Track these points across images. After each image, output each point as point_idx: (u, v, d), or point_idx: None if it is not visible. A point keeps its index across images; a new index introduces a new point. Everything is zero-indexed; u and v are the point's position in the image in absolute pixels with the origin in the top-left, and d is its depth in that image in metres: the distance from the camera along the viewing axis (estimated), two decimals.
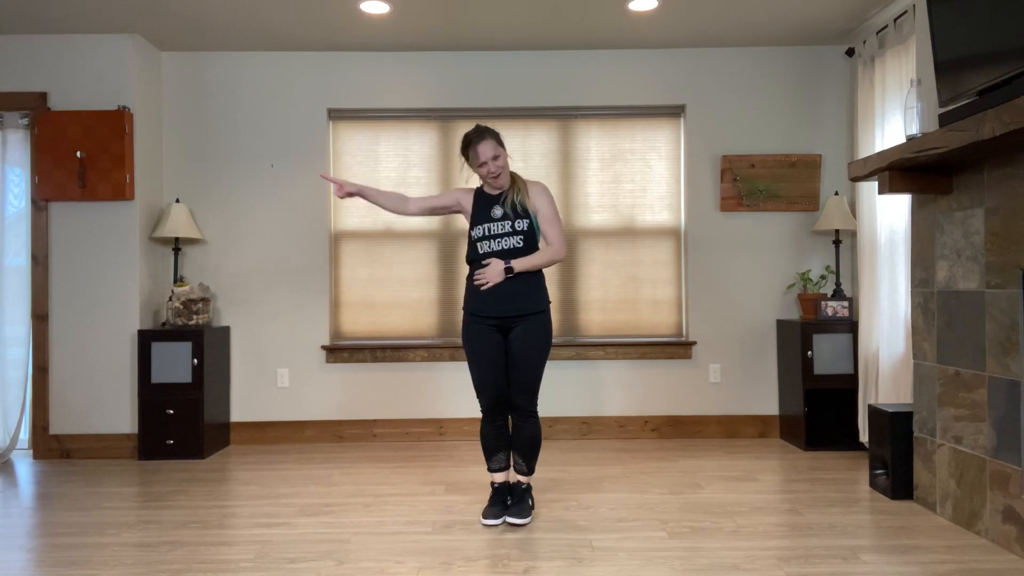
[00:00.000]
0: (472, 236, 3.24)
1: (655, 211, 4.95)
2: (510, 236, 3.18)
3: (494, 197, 3.25)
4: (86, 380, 4.54)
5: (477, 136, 3.16)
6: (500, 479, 3.31)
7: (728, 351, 4.90)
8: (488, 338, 3.21)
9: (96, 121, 4.42)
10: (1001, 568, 2.69)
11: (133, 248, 4.54)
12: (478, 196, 3.29)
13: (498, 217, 3.20)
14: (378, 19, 4.33)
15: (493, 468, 3.31)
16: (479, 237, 3.21)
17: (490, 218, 3.21)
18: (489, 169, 3.16)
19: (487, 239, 3.19)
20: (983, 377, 3.02)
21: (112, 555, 2.89)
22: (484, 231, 3.20)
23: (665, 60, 4.90)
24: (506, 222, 3.18)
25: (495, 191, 3.25)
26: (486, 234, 3.19)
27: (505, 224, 3.18)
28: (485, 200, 3.26)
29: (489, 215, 3.22)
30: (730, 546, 2.91)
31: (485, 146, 3.15)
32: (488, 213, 3.22)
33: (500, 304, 3.17)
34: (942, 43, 3.07)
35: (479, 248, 3.21)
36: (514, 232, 3.18)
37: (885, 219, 4.15)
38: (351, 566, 2.76)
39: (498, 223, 3.19)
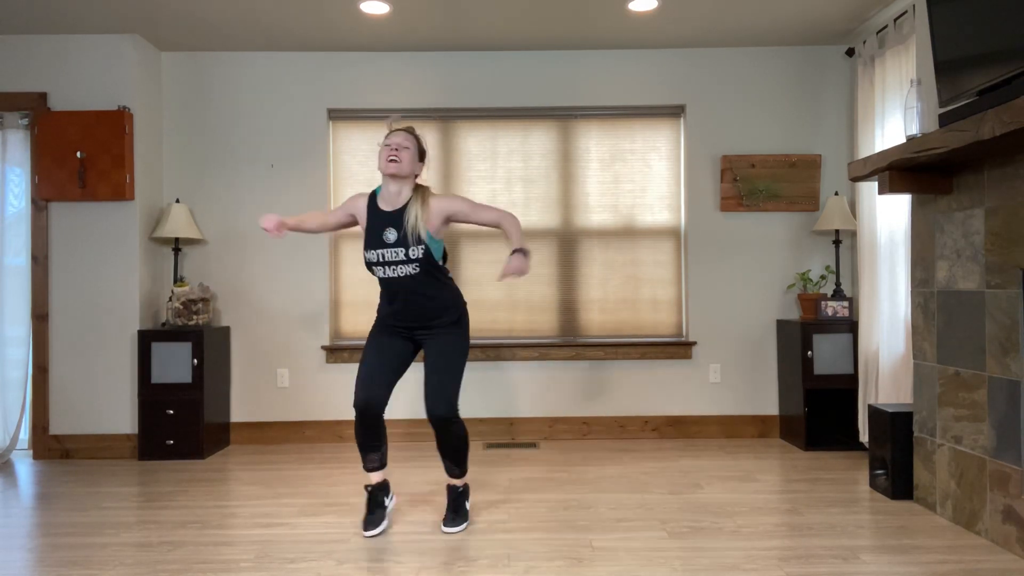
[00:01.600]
0: (367, 259, 3.06)
1: (655, 211, 4.95)
2: (404, 264, 3.00)
3: (388, 215, 3.02)
4: (86, 380, 4.54)
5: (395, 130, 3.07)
6: (376, 479, 3.19)
7: (728, 351, 4.90)
8: (390, 337, 3.12)
9: (96, 121, 4.42)
10: (1001, 568, 2.69)
11: (133, 248, 4.54)
12: (372, 210, 3.06)
13: (391, 242, 3.00)
14: (378, 19, 4.33)
15: (367, 467, 3.18)
16: (373, 262, 3.04)
17: (383, 242, 3.01)
18: (390, 149, 2.98)
19: (381, 266, 3.02)
20: (983, 377, 3.02)
21: (112, 555, 2.89)
22: (378, 257, 3.02)
23: (665, 60, 4.90)
24: (399, 249, 2.99)
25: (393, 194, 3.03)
26: (380, 260, 3.02)
27: (399, 251, 2.99)
28: (378, 217, 3.04)
29: (382, 239, 3.01)
30: (730, 546, 2.91)
31: (398, 135, 3.03)
32: (381, 236, 3.01)
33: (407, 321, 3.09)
34: (942, 43, 3.07)
35: (374, 272, 3.07)
36: (408, 260, 2.99)
37: (885, 219, 4.15)
38: (351, 566, 2.76)
39: (391, 249, 3.00)
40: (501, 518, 3.28)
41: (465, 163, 4.95)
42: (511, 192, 4.94)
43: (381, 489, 3.19)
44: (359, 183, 4.93)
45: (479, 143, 4.95)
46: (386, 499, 3.21)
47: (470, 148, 4.95)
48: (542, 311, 4.95)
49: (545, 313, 4.95)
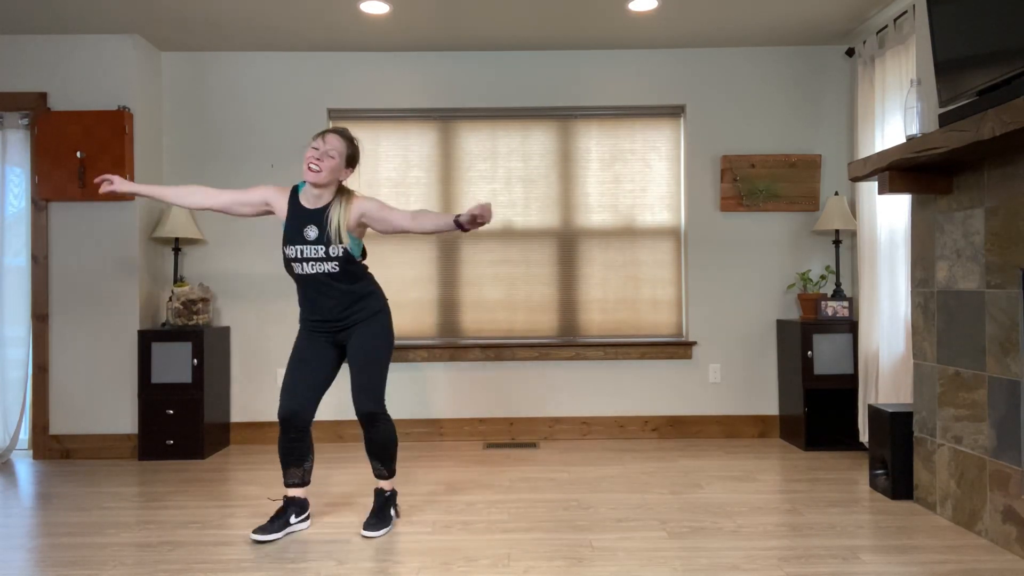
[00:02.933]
0: (285, 254, 3.03)
1: (655, 211, 4.95)
2: (324, 262, 2.97)
3: (310, 212, 3.00)
4: (86, 380, 4.54)
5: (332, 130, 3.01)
6: (293, 494, 3.13)
7: (728, 351, 4.90)
8: (315, 343, 3.07)
9: (96, 121, 4.42)
10: (1001, 568, 2.69)
11: (133, 248, 4.54)
12: (293, 205, 3.03)
13: (311, 239, 2.97)
14: (378, 19, 4.33)
15: (287, 483, 3.13)
16: (292, 258, 3.01)
17: (303, 239, 2.98)
18: (314, 155, 2.93)
19: (300, 262, 3.00)
20: (983, 377, 3.02)
21: (112, 555, 2.89)
22: (297, 253, 2.99)
23: (665, 60, 4.90)
24: (319, 247, 2.96)
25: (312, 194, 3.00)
26: (299, 256, 2.99)
27: (319, 248, 2.96)
28: (300, 214, 3.01)
29: (302, 235, 2.98)
30: (730, 546, 2.91)
31: (330, 137, 2.97)
32: (301, 232, 2.99)
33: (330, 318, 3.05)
34: (942, 43, 3.07)
35: (292, 269, 3.03)
36: (328, 258, 2.97)
37: (885, 219, 4.16)
38: (351, 566, 2.76)
39: (311, 246, 2.97)
40: (501, 518, 3.28)
41: (465, 163, 4.95)
42: (511, 192, 4.94)
43: (295, 504, 3.12)
44: (359, 183, 4.93)
45: (479, 143, 4.95)
46: (295, 517, 3.12)
47: (470, 148, 4.95)
48: (542, 311, 4.95)
49: (545, 313, 4.95)
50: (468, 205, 4.93)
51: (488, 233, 4.94)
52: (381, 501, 3.17)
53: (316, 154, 2.94)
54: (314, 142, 2.98)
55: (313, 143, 2.98)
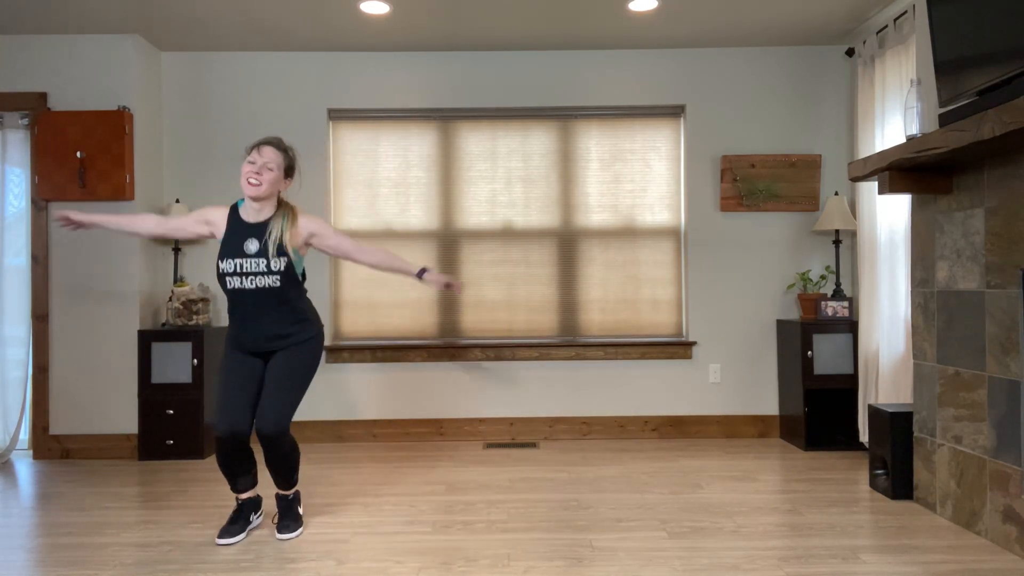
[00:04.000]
0: (220, 269, 2.91)
1: (655, 211, 4.95)
2: (265, 276, 2.89)
3: (251, 226, 2.94)
4: (86, 380, 4.53)
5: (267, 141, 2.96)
6: (247, 497, 3.09)
7: (728, 351, 4.90)
8: (244, 362, 2.98)
9: (96, 121, 4.42)
10: (1001, 568, 2.69)
11: (133, 248, 4.54)
12: (233, 219, 2.96)
13: (252, 252, 2.89)
14: (378, 19, 4.33)
15: (239, 489, 3.07)
16: (228, 272, 2.90)
17: (243, 252, 2.90)
18: (252, 169, 2.89)
19: (237, 275, 2.90)
20: (983, 377, 3.02)
21: (112, 555, 2.89)
22: (235, 267, 2.89)
23: (665, 60, 4.90)
24: (261, 260, 2.89)
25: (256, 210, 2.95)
26: (237, 270, 2.89)
27: (260, 262, 2.89)
28: (240, 228, 2.94)
29: (242, 248, 2.91)
30: (730, 546, 2.91)
31: (266, 150, 2.92)
32: (241, 246, 2.91)
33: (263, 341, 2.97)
34: (942, 43, 3.07)
35: (227, 284, 2.91)
36: (269, 272, 2.89)
37: (885, 219, 4.16)
38: (351, 566, 2.76)
39: (252, 259, 2.89)
40: (501, 518, 3.28)
41: (465, 163, 4.95)
42: (511, 192, 4.94)
43: (251, 503, 3.11)
44: (359, 183, 4.93)
45: (479, 143, 4.95)
46: (253, 515, 3.13)
47: (470, 148, 4.95)
48: (542, 311, 4.95)
49: (545, 313, 4.95)
50: (468, 205, 4.93)
51: (488, 233, 4.94)
52: (285, 505, 3.11)
53: (254, 168, 2.89)
54: (249, 156, 2.92)
55: (249, 157, 2.91)
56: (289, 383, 2.96)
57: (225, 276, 2.92)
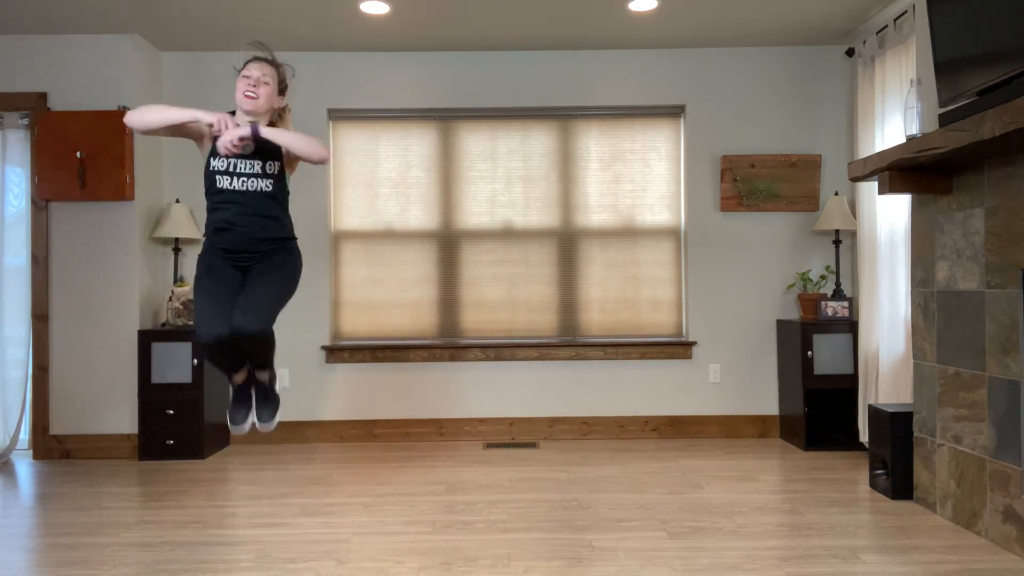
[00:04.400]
0: (210, 167, 2.82)
1: (655, 211, 4.95)
2: (259, 178, 2.82)
3: None
4: (86, 380, 4.53)
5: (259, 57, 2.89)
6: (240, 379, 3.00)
7: (728, 351, 4.90)
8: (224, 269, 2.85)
9: (96, 121, 4.42)
10: (1001, 568, 2.69)
11: (133, 248, 4.54)
12: None
13: (247, 154, 2.83)
14: (378, 19, 4.33)
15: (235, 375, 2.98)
16: (219, 170, 2.80)
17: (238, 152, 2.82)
18: (249, 83, 2.82)
19: (228, 175, 2.81)
20: (983, 377, 3.02)
21: (112, 555, 2.89)
22: (228, 165, 2.81)
23: (665, 60, 4.90)
24: (256, 162, 2.83)
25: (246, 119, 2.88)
26: (229, 169, 2.81)
27: (255, 164, 2.82)
28: None
29: None
30: (730, 546, 2.91)
31: (261, 65, 2.86)
32: None
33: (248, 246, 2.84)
34: (942, 43, 3.07)
35: (217, 182, 2.81)
36: (264, 174, 2.83)
37: (885, 219, 4.16)
38: (351, 566, 2.76)
39: (247, 160, 2.82)
40: (501, 518, 3.29)
41: (465, 163, 4.95)
42: (511, 192, 4.94)
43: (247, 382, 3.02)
44: (359, 183, 4.93)
45: (479, 143, 4.95)
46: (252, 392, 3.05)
47: (470, 148, 4.95)
48: (542, 311, 4.95)
49: (545, 313, 4.95)
50: (468, 205, 4.94)
51: (488, 233, 4.94)
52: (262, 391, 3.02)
53: (250, 81, 2.84)
54: (244, 71, 2.87)
55: (244, 72, 2.86)
56: (275, 285, 2.85)
57: (216, 174, 2.81)
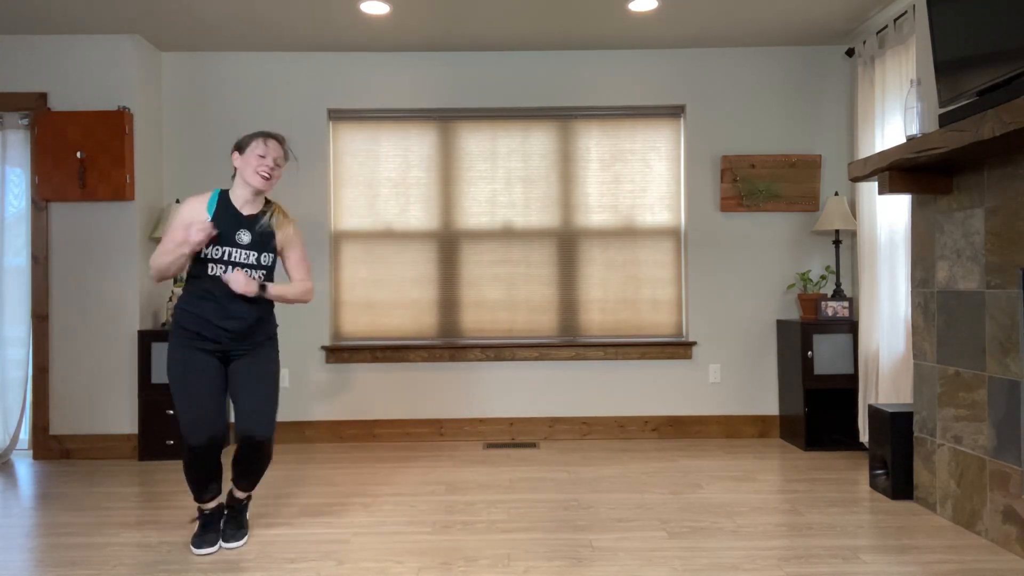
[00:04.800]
0: (205, 254, 2.81)
1: (655, 211, 4.95)
2: (254, 269, 2.87)
3: (244, 218, 2.89)
4: (86, 380, 4.53)
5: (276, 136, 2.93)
6: (213, 505, 2.97)
7: (728, 351, 4.90)
8: (209, 364, 2.85)
9: (96, 121, 4.42)
10: (1001, 568, 2.69)
11: (133, 248, 4.54)
12: (223, 207, 2.88)
13: (244, 244, 2.85)
14: (378, 19, 4.33)
15: (208, 498, 2.94)
16: (215, 258, 2.82)
17: (235, 242, 2.84)
18: (267, 163, 2.85)
19: (223, 263, 2.83)
20: (983, 377, 3.02)
21: (112, 555, 2.89)
22: (223, 254, 2.82)
23: (665, 60, 4.90)
24: (252, 252, 2.86)
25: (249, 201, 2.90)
26: (225, 258, 2.83)
27: (251, 254, 2.86)
28: (232, 216, 2.87)
29: (234, 238, 2.85)
30: (730, 546, 2.91)
31: (276, 145, 2.91)
32: (233, 236, 2.85)
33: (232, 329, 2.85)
34: (942, 43, 3.07)
35: (210, 270, 2.83)
36: (259, 266, 2.88)
37: (885, 219, 4.16)
38: (351, 566, 2.76)
39: (243, 251, 2.84)
40: (501, 518, 3.29)
41: (465, 163, 4.95)
42: (511, 192, 4.94)
43: (219, 509, 3.00)
44: (359, 183, 4.93)
45: (479, 143, 4.95)
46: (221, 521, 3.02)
47: (470, 148, 4.95)
48: (542, 311, 4.95)
49: (545, 313, 4.95)
50: (468, 205, 4.94)
51: (488, 233, 4.94)
52: (239, 509, 3.03)
53: (268, 163, 2.86)
54: (258, 147, 2.87)
55: (258, 148, 2.86)
56: (271, 384, 2.93)
57: (209, 262, 2.83)
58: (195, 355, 2.84)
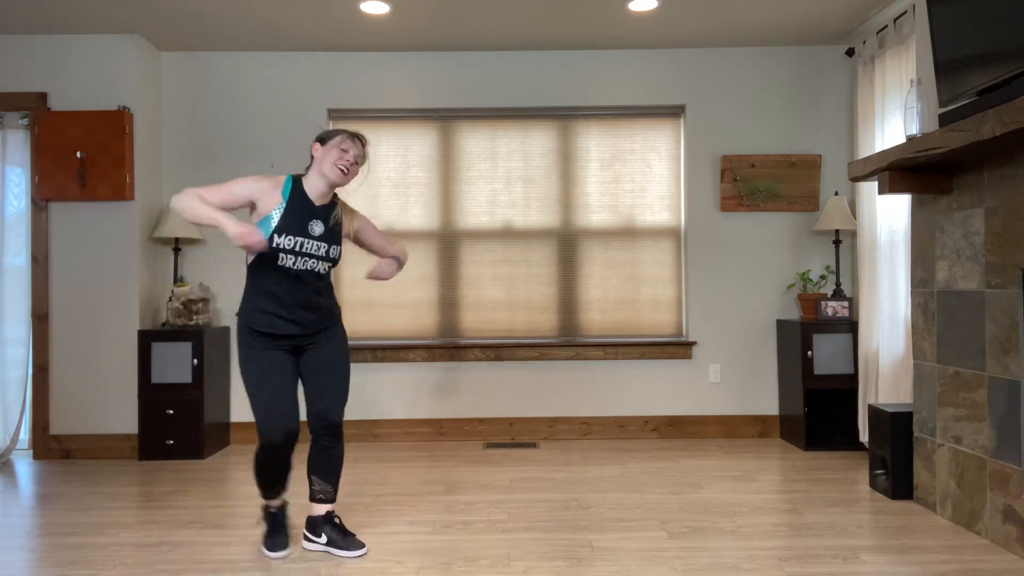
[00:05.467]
0: (275, 243, 2.71)
1: (655, 211, 4.95)
2: (321, 260, 2.81)
3: (317, 208, 2.82)
4: (86, 380, 4.53)
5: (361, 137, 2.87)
6: (279, 503, 2.93)
7: (728, 351, 4.90)
8: (285, 361, 2.80)
9: (96, 121, 4.42)
10: (1001, 568, 2.69)
11: (133, 248, 4.54)
12: (298, 195, 2.80)
13: (316, 235, 2.79)
14: (378, 19, 4.33)
15: (277, 493, 2.89)
16: (286, 248, 2.73)
17: (307, 233, 2.77)
18: (347, 159, 2.78)
19: (294, 255, 2.75)
20: (983, 377, 3.02)
21: (112, 555, 2.89)
22: (295, 244, 2.74)
23: (665, 60, 4.90)
24: (323, 244, 2.80)
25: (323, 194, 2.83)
26: (297, 249, 2.74)
27: (321, 246, 2.80)
28: (305, 207, 2.79)
29: (307, 229, 2.77)
30: (730, 546, 2.91)
31: (359, 145, 2.84)
32: (306, 226, 2.77)
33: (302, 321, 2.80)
34: (942, 43, 3.07)
35: (279, 260, 2.74)
36: (327, 258, 2.83)
37: (885, 219, 4.16)
38: (351, 566, 2.76)
39: (315, 242, 2.79)
40: (501, 518, 3.29)
41: (465, 163, 4.95)
42: (511, 192, 4.94)
43: (283, 510, 2.95)
44: (360, 181, 4.93)
45: (479, 143, 4.95)
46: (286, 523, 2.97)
47: (470, 148, 4.95)
48: (542, 311, 4.95)
49: (545, 313, 4.95)
50: (468, 205, 4.94)
51: (488, 233, 4.94)
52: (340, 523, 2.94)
53: (349, 158, 2.80)
54: (342, 142, 2.81)
55: (341, 144, 2.80)
56: (344, 372, 2.91)
57: (280, 252, 2.73)
58: (270, 354, 2.78)
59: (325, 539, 2.88)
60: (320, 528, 2.90)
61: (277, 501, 2.93)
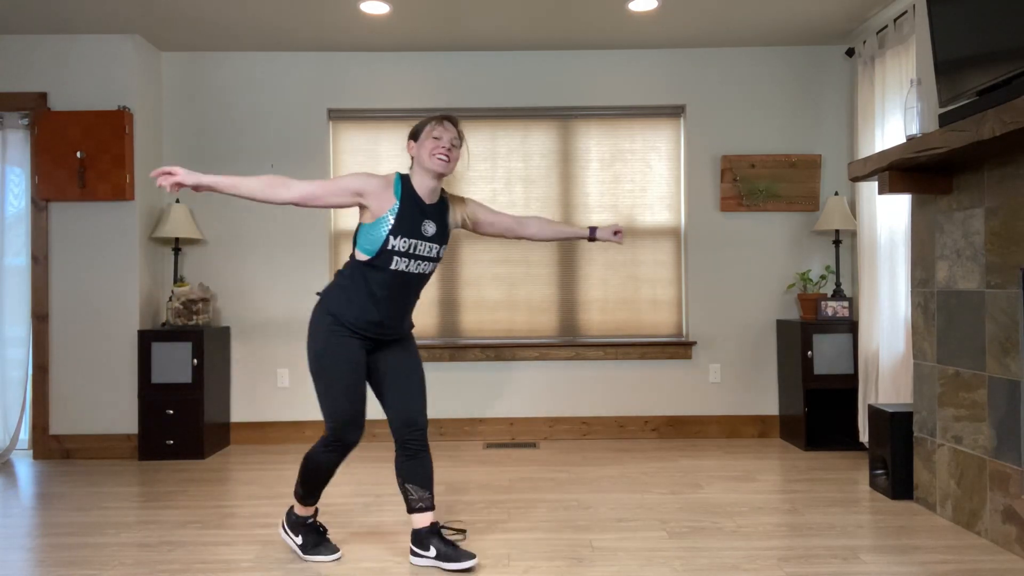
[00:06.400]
0: (390, 246, 2.61)
1: (655, 211, 4.95)
2: (430, 262, 2.71)
3: (427, 208, 2.70)
4: (86, 380, 4.53)
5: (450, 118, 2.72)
6: (311, 512, 2.87)
7: (728, 351, 4.90)
8: (360, 355, 2.69)
9: (96, 121, 4.42)
10: (1001, 568, 2.69)
11: (133, 248, 4.54)
12: (409, 196, 2.67)
13: (428, 236, 2.68)
14: (378, 19, 4.33)
15: (314, 501, 2.84)
16: (401, 251, 2.63)
17: (421, 234, 2.66)
18: (443, 144, 2.65)
19: (408, 257, 2.65)
20: (983, 377, 3.02)
21: (112, 555, 2.89)
22: (409, 247, 2.64)
23: (665, 60, 4.90)
24: (434, 246, 2.70)
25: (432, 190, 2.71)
26: (410, 251, 2.65)
27: (432, 247, 2.69)
28: (417, 206, 2.68)
29: (420, 230, 2.66)
30: (730, 546, 2.91)
31: (452, 127, 2.70)
32: (419, 227, 2.66)
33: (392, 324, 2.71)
34: (942, 43, 3.07)
35: (392, 263, 2.63)
36: (436, 259, 2.73)
37: (885, 219, 4.16)
38: (351, 566, 2.76)
39: (427, 243, 2.68)
40: (501, 518, 3.29)
41: (465, 163, 4.94)
42: (511, 192, 4.94)
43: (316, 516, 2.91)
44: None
45: (479, 143, 4.95)
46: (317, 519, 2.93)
47: (470, 148, 4.95)
48: (542, 311, 4.95)
49: (545, 313, 4.95)
50: None
51: None
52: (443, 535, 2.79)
53: (445, 143, 2.66)
54: (432, 130, 2.67)
55: (432, 132, 2.67)
56: (423, 374, 2.83)
57: (394, 255, 2.62)
58: (353, 351, 2.67)
59: (434, 552, 2.71)
60: (428, 541, 2.73)
61: (311, 510, 2.86)
